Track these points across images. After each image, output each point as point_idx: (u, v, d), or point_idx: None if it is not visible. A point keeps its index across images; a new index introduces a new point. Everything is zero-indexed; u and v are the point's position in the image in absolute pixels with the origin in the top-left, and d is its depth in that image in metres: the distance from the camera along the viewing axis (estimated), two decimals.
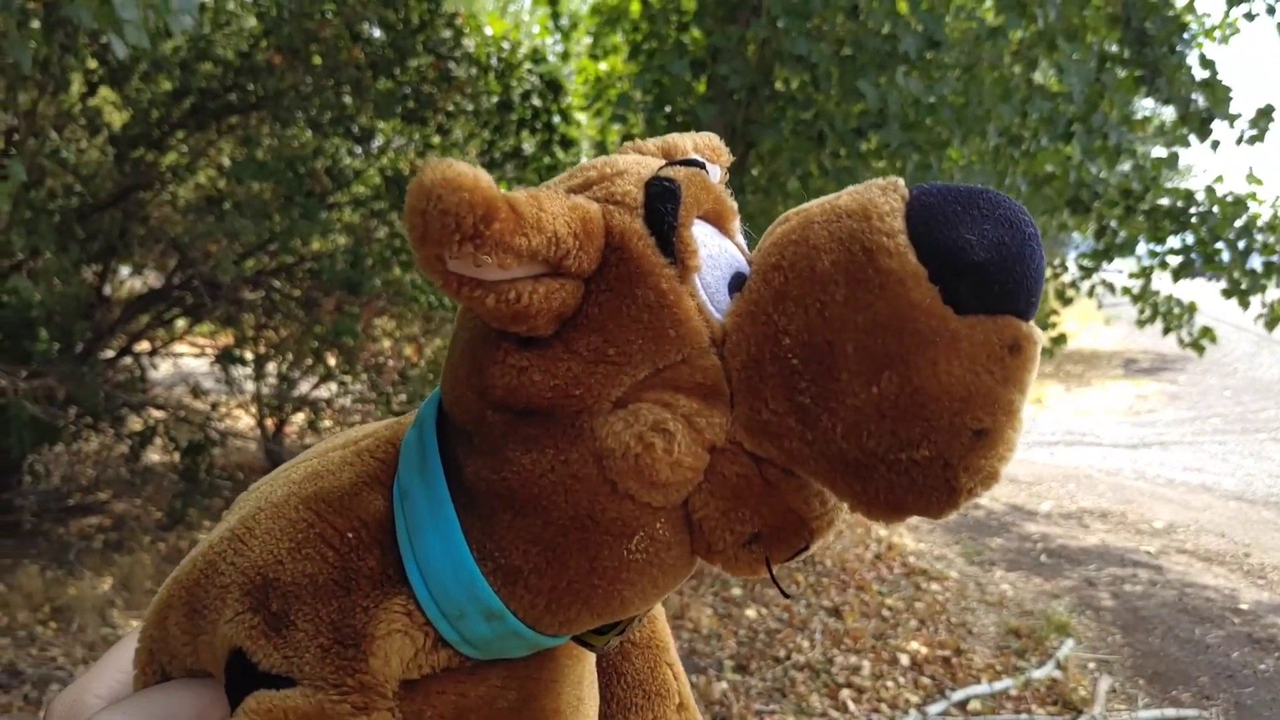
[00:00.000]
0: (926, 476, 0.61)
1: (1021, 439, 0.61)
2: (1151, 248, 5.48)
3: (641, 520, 0.66)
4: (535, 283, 0.62)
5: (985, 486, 0.62)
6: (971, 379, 0.60)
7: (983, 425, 0.60)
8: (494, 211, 0.57)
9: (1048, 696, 4.23)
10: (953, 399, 0.60)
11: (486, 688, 0.72)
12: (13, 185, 3.42)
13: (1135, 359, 14.77)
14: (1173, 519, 6.88)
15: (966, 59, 4.18)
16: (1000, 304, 0.59)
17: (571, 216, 0.63)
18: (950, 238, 0.60)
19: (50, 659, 4.14)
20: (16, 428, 4.73)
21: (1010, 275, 0.60)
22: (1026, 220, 0.61)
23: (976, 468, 0.60)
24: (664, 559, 0.68)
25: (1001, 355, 0.59)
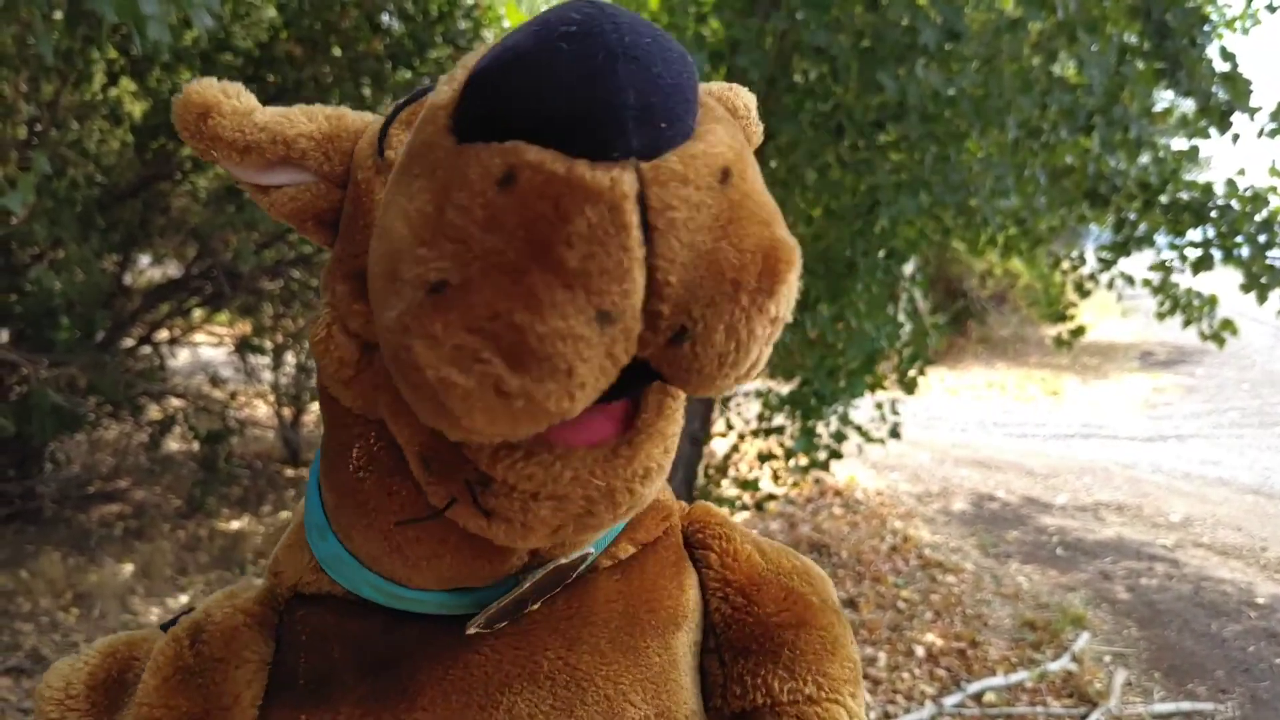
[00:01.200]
0: (400, 352, 0.50)
1: (1038, 431, 0.53)
2: (1171, 241, 5.46)
3: (354, 429, 0.68)
4: (293, 188, 0.69)
5: (470, 377, 0.48)
6: (438, 217, 0.49)
7: (442, 276, 0.48)
8: (209, 110, 0.66)
9: (1063, 689, 4.24)
10: (411, 242, 0.50)
11: (362, 626, 0.73)
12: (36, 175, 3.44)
13: (1152, 351, 14.70)
14: (1189, 512, 6.86)
15: (986, 51, 4.16)
16: (501, 121, 0.48)
17: (320, 122, 0.69)
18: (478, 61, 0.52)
19: (72, 644, 4.18)
20: (38, 416, 4.76)
21: (508, 81, 0.49)
22: (571, 17, 0.49)
23: (434, 336, 0.48)
24: (395, 489, 0.65)
25: (484, 188, 0.47)
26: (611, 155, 0.47)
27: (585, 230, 0.46)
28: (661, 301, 0.49)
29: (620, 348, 0.49)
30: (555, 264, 0.46)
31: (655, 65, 0.49)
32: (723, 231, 0.50)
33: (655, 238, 0.48)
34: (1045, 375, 13.18)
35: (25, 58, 4.46)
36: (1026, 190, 4.83)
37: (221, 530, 5.60)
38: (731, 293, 0.50)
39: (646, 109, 0.48)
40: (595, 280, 0.47)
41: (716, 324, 0.50)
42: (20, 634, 4.22)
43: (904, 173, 4.32)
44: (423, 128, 0.53)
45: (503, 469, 0.56)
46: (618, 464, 0.57)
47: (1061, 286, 6.71)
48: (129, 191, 5.57)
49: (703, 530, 0.84)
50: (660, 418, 0.60)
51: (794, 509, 6.68)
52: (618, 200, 0.46)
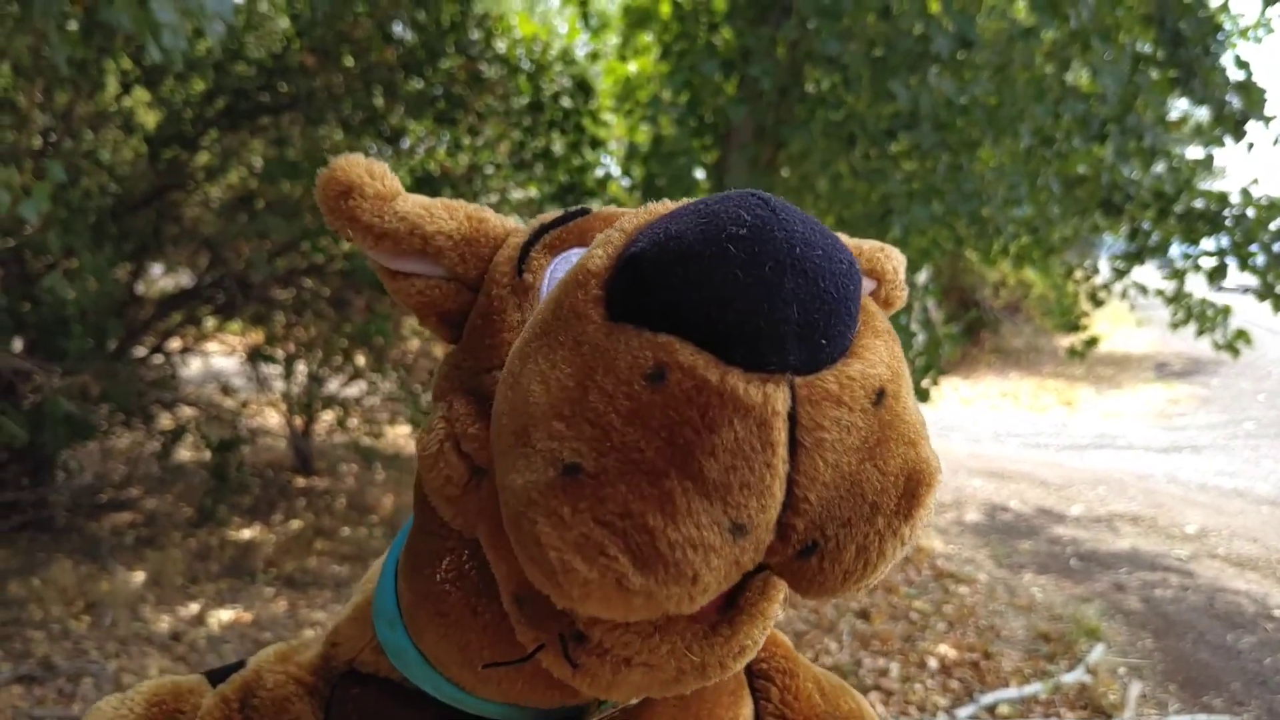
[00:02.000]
0: (523, 520, 0.48)
1: (1052, 441, 0.52)
2: (1185, 250, 5.43)
3: (448, 542, 0.66)
4: (422, 280, 0.68)
5: (594, 569, 0.46)
6: (580, 395, 0.47)
7: (577, 460, 0.46)
8: (351, 191, 0.66)
9: (1077, 701, 4.20)
10: (548, 412, 0.48)
11: (414, 717, 0.72)
12: (51, 184, 3.45)
13: (1167, 362, 14.64)
14: (1205, 524, 6.81)
15: (999, 59, 4.16)
16: (658, 309, 0.47)
17: (460, 221, 0.68)
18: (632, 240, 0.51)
19: (83, 652, 4.18)
20: (51, 424, 4.78)
21: (670, 272, 0.47)
22: (741, 216, 0.47)
23: (562, 519, 0.46)
24: (480, 610, 0.64)
25: (631, 379, 0.46)
26: (767, 369, 0.46)
27: (731, 443, 0.45)
28: (797, 516, 0.48)
29: (749, 557, 0.48)
30: (695, 472, 0.45)
31: (823, 280, 0.47)
32: (870, 454, 0.49)
33: (800, 455, 0.47)
34: (1059, 385, 13.13)
35: (40, 67, 4.48)
36: (1040, 199, 4.82)
37: (232, 539, 5.60)
38: (869, 515, 0.49)
39: (808, 325, 0.46)
40: (735, 494, 0.45)
41: (849, 544, 0.49)
42: (31, 641, 4.22)
43: (916, 181, 4.31)
44: (571, 291, 0.51)
45: (600, 631, 0.55)
46: (716, 641, 0.55)
47: (1075, 296, 6.69)
48: (142, 201, 5.60)
49: (767, 660, 0.82)
50: (764, 599, 0.58)
51: None
52: (768, 417, 0.45)
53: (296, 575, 5.10)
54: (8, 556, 5.09)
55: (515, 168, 5.98)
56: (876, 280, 0.71)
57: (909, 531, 0.51)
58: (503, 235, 0.70)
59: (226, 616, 4.58)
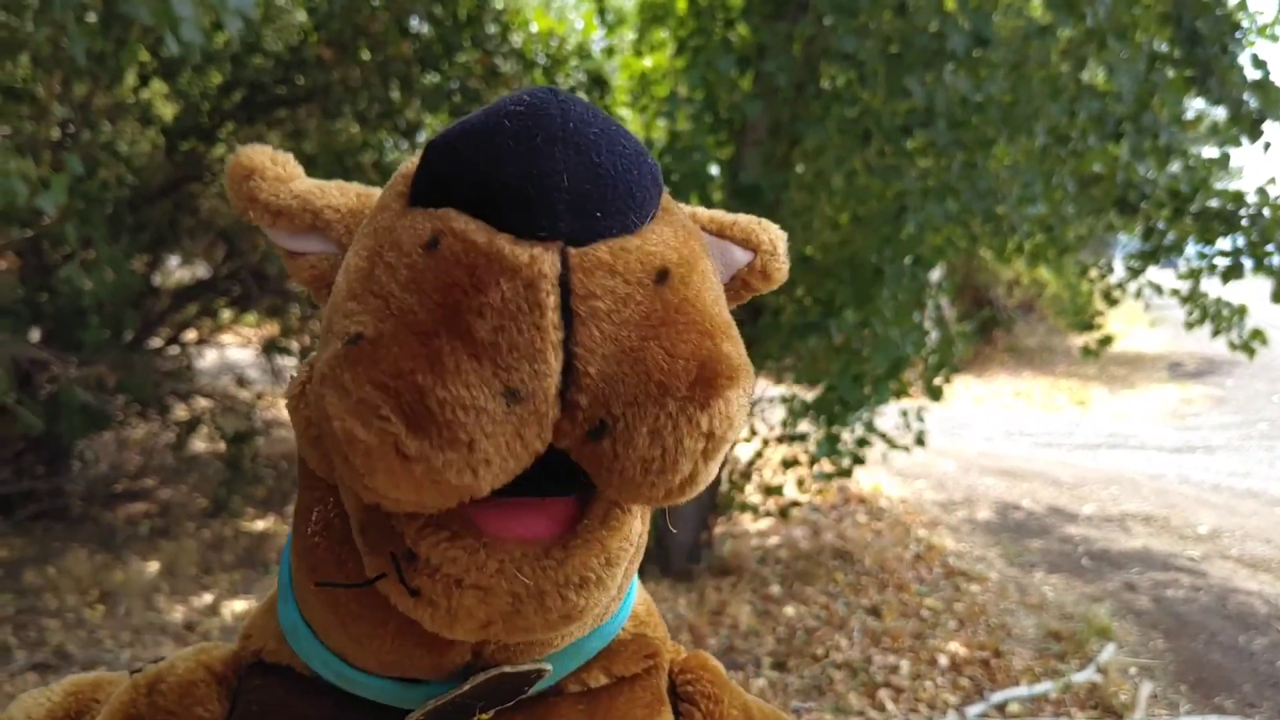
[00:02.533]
0: (319, 401, 0.51)
1: (1065, 440, 0.51)
2: (1200, 249, 5.41)
3: (316, 492, 0.67)
4: (316, 255, 0.70)
5: (371, 432, 0.48)
6: (367, 271, 0.51)
7: (359, 329, 0.49)
8: (253, 173, 0.68)
9: (1088, 701, 4.20)
10: (344, 295, 0.51)
11: (308, 708, 0.72)
12: (69, 176, 3.47)
13: (1181, 362, 14.58)
14: (1217, 524, 6.79)
15: (1015, 57, 4.14)
16: (439, 190, 0.51)
17: (350, 198, 0.71)
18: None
19: (98, 642, 4.21)
20: (67, 414, 4.81)
21: (452, 153, 0.51)
22: (525, 100, 0.51)
23: (344, 387, 0.49)
24: (344, 559, 0.64)
25: (412, 249, 0.49)
26: (537, 234, 0.48)
27: (498, 303, 0.47)
28: (579, 391, 0.49)
29: (532, 431, 0.49)
30: (464, 332, 0.47)
31: (599, 155, 0.50)
32: (653, 332, 0.50)
33: (576, 325, 0.48)
34: (1072, 385, 13.10)
35: (59, 59, 4.50)
36: (1055, 197, 4.81)
37: (246, 530, 5.63)
38: (657, 395, 0.50)
39: (580, 195, 0.49)
40: (504, 355, 0.47)
41: (639, 425, 0.50)
42: (46, 630, 4.26)
43: (931, 179, 4.30)
44: (385, 192, 0.56)
45: (427, 546, 0.55)
46: (547, 565, 0.55)
47: (1089, 295, 6.66)
48: (159, 192, 5.63)
49: (693, 683, 0.81)
50: (603, 527, 0.57)
51: (818, 516, 6.66)
52: (534, 278, 0.47)
53: None
54: (24, 545, 5.13)
55: None
56: (753, 250, 0.71)
57: (707, 421, 0.51)
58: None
59: (240, 607, 4.60)
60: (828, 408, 4.89)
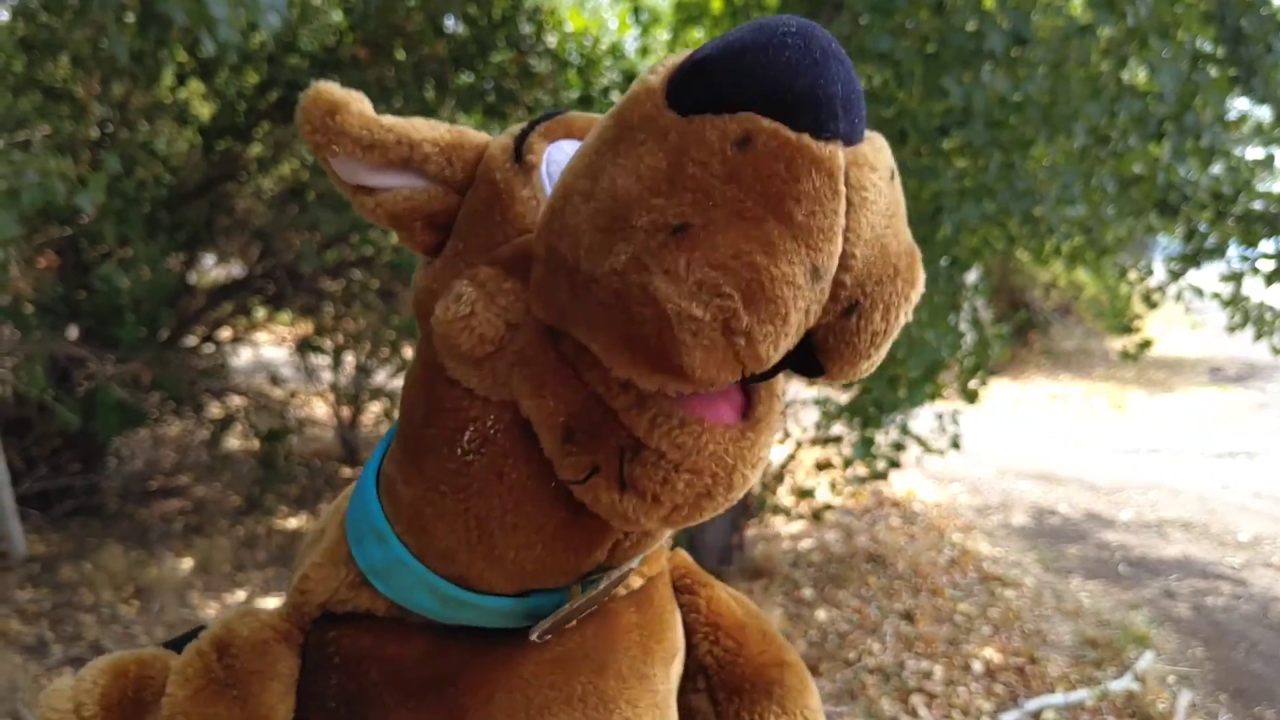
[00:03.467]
0: (632, 289, 0.54)
1: (1102, 445, 0.56)
2: (1243, 252, 5.33)
3: (470, 411, 0.68)
4: (405, 189, 0.72)
5: (708, 310, 0.52)
6: (675, 172, 0.54)
7: (684, 219, 0.53)
8: (339, 108, 0.69)
9: (1125, 709, 4.14)
10: (644, 193, 0.54)
11: (402, 650, 0.73)
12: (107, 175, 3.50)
13: (1222, 366, 14.39)
14: (1259, 531, 6.69)
15: (1054, 57, 4.08)
16: (729, 97, 0.54)
17: (441, 132, 0.73)
18: (693, 54, 0.57)
19: (132, 637, 4.25)
20: (104, 411, 4.85)
21: (738, 66, 0.54)
22: (789, 23, 0.55)
23: (678, 271, 0.52)
24: (506, 471, 0.66)
25: (722, 148, 0.52)
26: (826, 134, 0.52)
27: (811, 191, 0.51)
28: (845, 272, 0.54)
29: (816, 307, 0.54)
30: (786, 217, 0.51)
31: (853, 70, 0.55)
32: (889, 222, 0.56)
33: (850, 213, 0.53)
34: (1110, 389, 12.95)
35: (98, 59, 4.55)
36: (1094, 199, 4.74)
37: (279, 528, 5.66)
38: (892, 276, 0.56)
39: (849, 102, 0.53)
40: (814, 237, 0.52)
41: (879, 303, 0.56)
42: (82, 625, 4.30)
43: (968, 180, 4.25)
44: (633, 107, 0.57)
45: (659, 435, 0.59)
46: (744, 445, 0.60)
47: (1128, 298, 6.58)
48: (195, 192, 5.67)
49: (688, 576, 0.90)
50: (771, 410, 0.63)
51: (851, 519, 6.61)
52: (835, 169, 0.52)
53: None
54: (60, 541, 5.19)
55: None
56: None
57: (914, 296, 0.59)
58: (483, 143, 0.75)
59: (272, 604, 4.62)
60: (862, 410, 4.85)
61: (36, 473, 5.29)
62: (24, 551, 4.83)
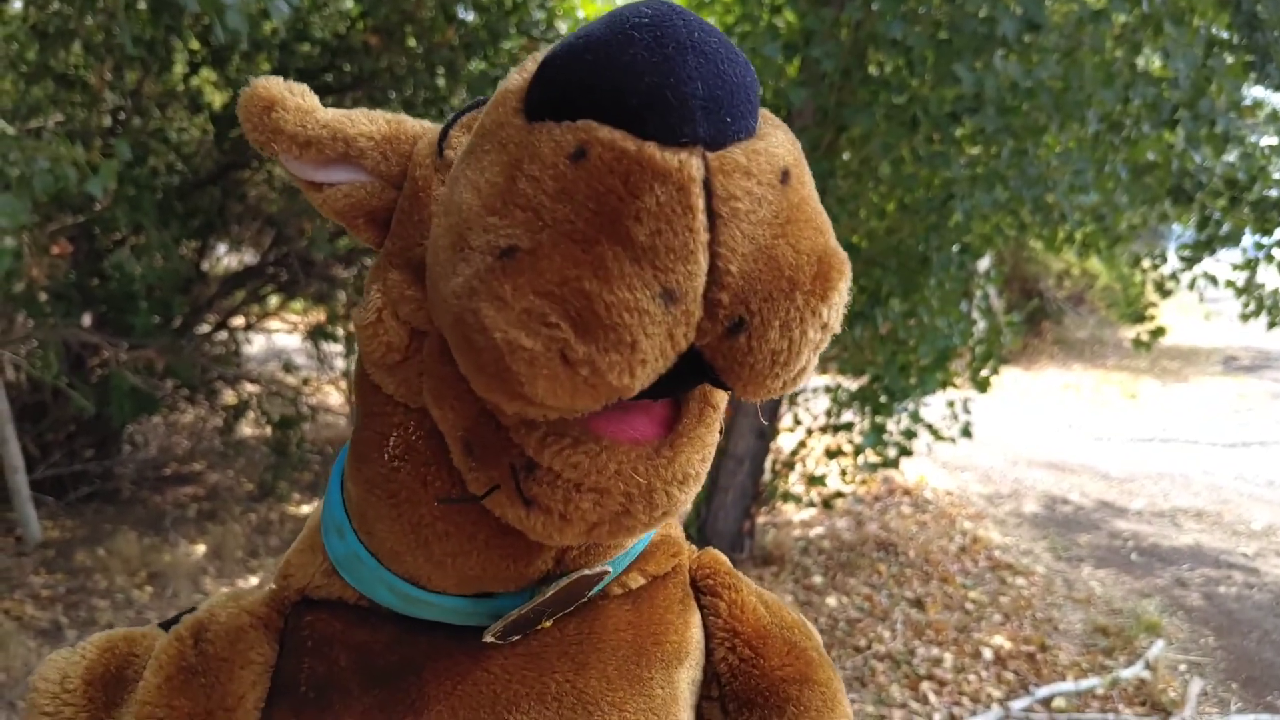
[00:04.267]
0: (467, 315, 0.51)
1: (1115, 434, 0.52)
2: (1258, 239, 5.30)
3: (394, 417, 0.68)
4: (348, 184, 0.70)
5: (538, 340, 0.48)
6: (509, 187, 0.50)
7: (512, 242, 0.49)
8: (275, 104, 0.68)
9: (1136, 697, 4.14)
10: (481, 211, 0.51)
11: (371, 637, 0.73)
12: (119, 163, 3.51)
13: (1236, 356, 14.32)
14: (1272, 521, 6.66)
15: (1067, 43, 4.06)
16: (572, 102, 0.50)
17: (379, 125, 0.71)
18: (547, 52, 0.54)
19: (145, 622, 4.24)
20: (117, 398, 4.87)
21: (580, 65, 0.50)
22: (642, 12, 0.50)
23: (503, 299, 0.49)
24: (430, 479, 0.66)
25: (555, 161, 0.49)
26: (680, 140, 0.48)
27: (654, 207, 0.47)
28: (721, 290, 0.50)
29: (681, 331, 0.50)
30: (624, 237, 0.48)
31: (722, 62, 0.50)
32: (781, 230, 0.52)
33: (719, 226, 0.49)
34: (1123, 378, 12.90)
35: (110, 46, 4.56)
36: (1107, 186, 4.72)
37: (292, 514, 5.68)
38: (788, 290, 0.52)
39: (713, 101, 0.49)
40: (662, 257, 0.48)
41: (772, 320, 0.52)
42: (96, 610, 4.32)
43: (980, 167, 4.24)
44: (492, 111, 0.55)
45: (550, 454, 0.56)
46: (659, 464, 0.58)
47: (1141, 286, 6.55)
48: (208, 179, 5.68)
49: (712, 577, 0.85)
50: (700, 424, 0.60)
51: (862, 507, 6.61)
52: (685, 182, 0.48)
53: None
54: (75, 526, 5.21)
55: None
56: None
57: (826, 312, 0.54)
58: (420, 132, 0.73)
59: None
60: (873, 398, 4.85)
61: (51, 459, 5.32)
62: (38, 537, 4.86)
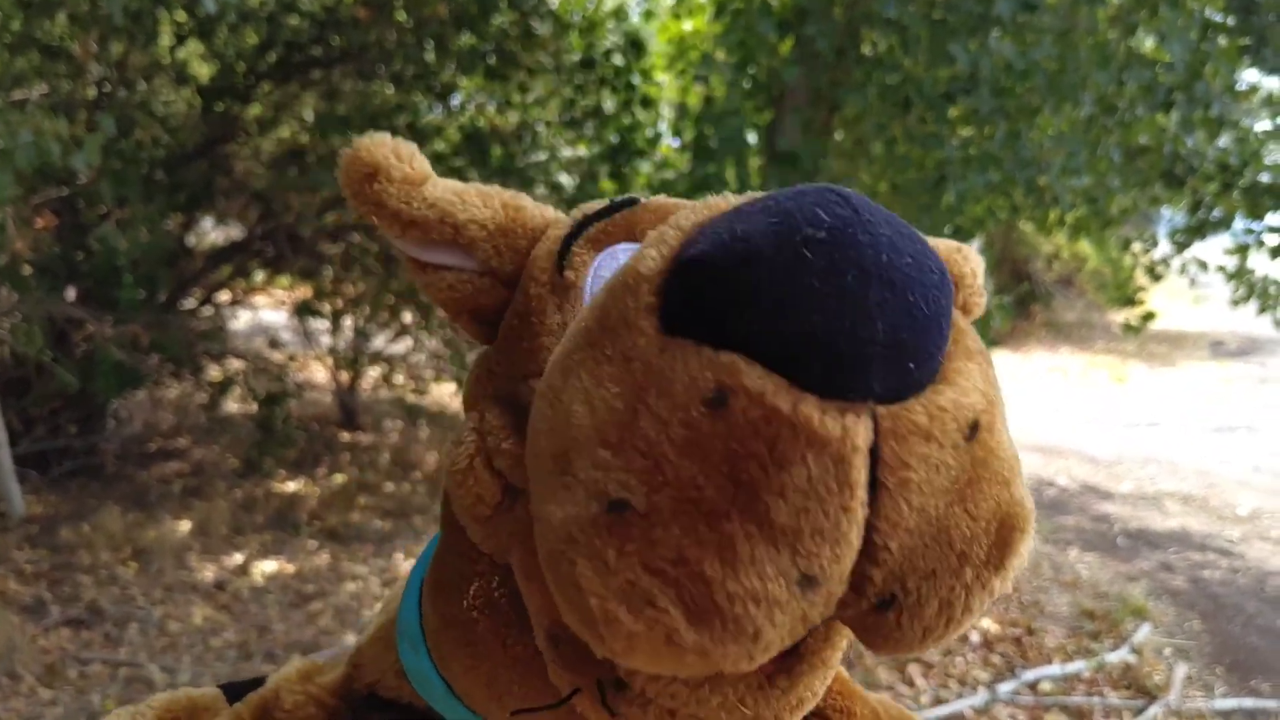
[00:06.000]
0: (561, 559, 0.42)
1: (1102, 417, 0.44)
2: (1248, 225, 5.29)
3: (477, 565, 0.60)
4: (453, 273, 0.62)
5: (640, 620, 0.40)
6: (629, 420, 0.41)
7: (624, 496, 0.40)
8: (378, 173, 0.60)
9: (1121, 680, 4.15)
10: (593, 437, 0.42)
11: None
12: (103, 137, 3.47)
13: (1223, 341, 14.37)
14: (1258, 505, 6.69)
15: (1062, 24, 4.04)
16: (719, 322, 0.40)
17: (494, 209, 0.62)
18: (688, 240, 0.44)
19: (130, 599, 4.25)
20: (102, 373, 4.83)
21: (733, 278, 0.40)
22: (818, 219, 0.40)
23: (606, 563, 0.40)
24: (510, 642, 0.58)
25: (688, 402, 0.39)
26: (847, 396, 0.39)
27: (803, 483, 0.38)
28: (875, 567, 0.41)
29: (818, 612, 0.41)
30: (761, 515, 0.39)
31: (913, 292, 0.40)
32: (959, 496, 0.43)
33: (882, 497, 0.40)
34: (1111, 362, 12.93)
35: (96, 17, 4.50)
36: (1099, 169, 4.70)
37: (277, 491, 5.65)
38: (956, 567, 0.43)
39: (896, 346, 0.39)
40: (805, 541, 0.39)
41: (931, 598, 0.43)
42: (80, 586, 4.30)
43: (973, 148, 4.22)
44: (620, 297, 0.44)
45: (644, 680, 0.48)
46: (772, 695, 0.49)
47: (1131, 270, 6.55)
48: (194, 153, 5.63)
49: (823, 698, 0.72)
50: (827, 647, 0.51)
51: None
52: (847, 454, 0.38)
53: (339, 529, 5.14)
54: (59, 502, 5.18)
55: (565, 125, 5.93)
56: (954, 285, 0.62)
57: (999, 584, 0.44)
58: (542, 226, 0.64)
59: (270, 568, 4.63)
60: None
61: (35, 434, 5.28)
62: (22, 512, 4.83)
